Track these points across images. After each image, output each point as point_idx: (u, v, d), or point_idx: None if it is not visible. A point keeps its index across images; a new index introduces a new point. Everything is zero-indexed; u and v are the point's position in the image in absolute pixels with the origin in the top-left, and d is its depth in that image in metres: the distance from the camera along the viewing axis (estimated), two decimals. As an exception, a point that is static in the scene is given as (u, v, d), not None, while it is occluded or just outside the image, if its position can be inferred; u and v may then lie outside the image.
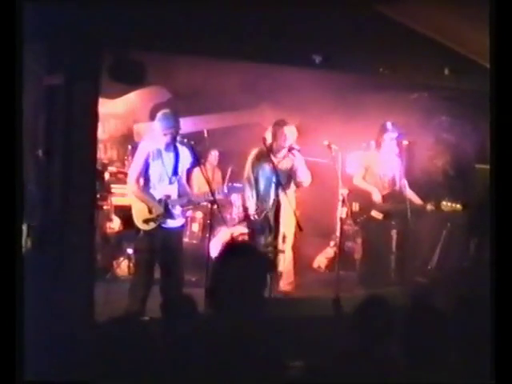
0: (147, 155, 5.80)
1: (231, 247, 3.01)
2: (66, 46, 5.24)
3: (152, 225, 5.79)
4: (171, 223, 5.88)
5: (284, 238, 6.91)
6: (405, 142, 7.39)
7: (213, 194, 5.90)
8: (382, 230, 7.41)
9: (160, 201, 5.78)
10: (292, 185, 6.84)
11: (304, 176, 6.81)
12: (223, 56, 6.24)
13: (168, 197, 5.82)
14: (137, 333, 2.64)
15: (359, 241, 7.61)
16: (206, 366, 2.63)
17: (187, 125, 8.12)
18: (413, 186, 7.42)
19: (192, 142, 6.33)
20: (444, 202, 7.07)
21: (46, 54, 5.27)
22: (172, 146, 5.86)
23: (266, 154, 6.63)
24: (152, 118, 7.98)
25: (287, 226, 6.98)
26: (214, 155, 8.57)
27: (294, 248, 7.18)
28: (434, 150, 7.96)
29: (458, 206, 7.05)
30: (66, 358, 4.24)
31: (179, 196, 5.91)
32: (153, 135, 5.96)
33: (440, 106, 8.05)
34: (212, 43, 5.90)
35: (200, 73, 7.04)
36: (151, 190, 5.83)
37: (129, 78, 6.06)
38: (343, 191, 6.70)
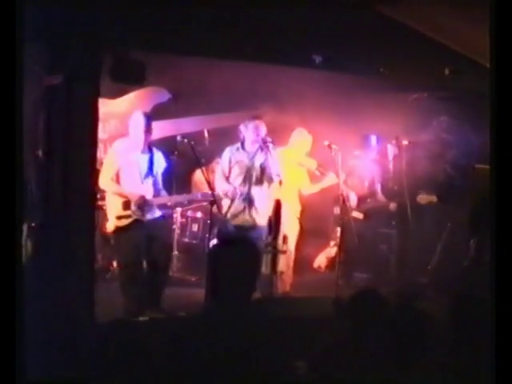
0: (120, 154, 5.94)
1: (223, 243, 3.02)
2: (66, 45, 5.24)
3: (124, 221, 5.82)
4: (148, 217, 5.97)
5: (285, 238, 6.92)
6: (405, 142, 7.47)
7: (213, 195, 5.95)
8: (378, 231, 7.58)
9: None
10: (265, 181, 6.76)
11: (274, 172, 6.65)
12: (223, 56, 6.25)
13: (142, 197, 5.90)
14: (136, 333, 2.64)
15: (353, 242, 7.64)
16: (206, 366, 2.63)
17: (187, 125, 8.13)
18: (412, 186, 7.47)
19: (192, 142, 6.35)
20: (420, 195, 7.24)
21: (46, 54, 5.27)
22: (147, 147, 6.01)
23: (240, 149, 6.66)
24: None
25: (288, 226, 7.00)
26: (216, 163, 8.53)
27: (296, 249, 7.20)
28: (434, 150, 7.97)
29: (434, 197, 7.20)
30: (67, 358, 4.24)
31: (154, 197, 6.03)
32: (131, 135, 6.07)
33: (440, 106, 8.06)
34: (212, 43, 5.91)
35: (200, 73, 7.04)
36: (126, 186, 5.94)
37: (129, 78, 6.06)
38: (343, 192, 6.74)
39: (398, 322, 3.21)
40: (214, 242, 6.27)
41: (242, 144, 6.66)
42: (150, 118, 6.14)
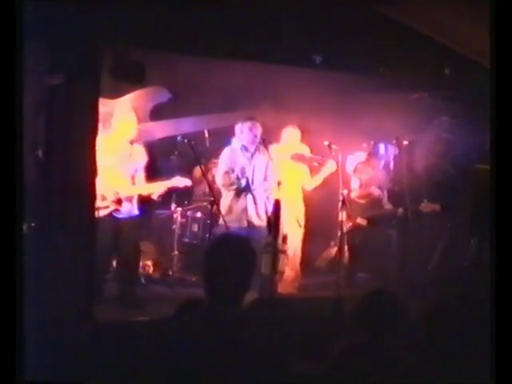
0: (105, 145, 6.02)
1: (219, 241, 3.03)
2: (66, 45, 5.24)
3: (103, 212, 5.95)
4: (126, 213, 6.05)
5: (284, 238, 6.92)
6: (405, 142, 7.49)
7: (213, 195, 5.96)
8: (378, 232, 7.60)
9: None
10: (264, 182, 6.76)
11: (273, 173, 6.66)
12: (223, 56, 6.25)
13: (116, 193, 6.01)
14: (136, 333, 2.64)
15: (354, 243, 7.67)
16: (206, 366, 2.63)
17: (187, 125, 8.12)
18: (412, 186, 7.47)
19: (192, 142, 6.35)
20: (423, 204, 7.27)
21: (46, 53, 5.27)
22: (131, 141, 6.12)
23: (243, 149, 6.66)
24: (152, 118, 8.01)
25: (288, 226, 6.99)
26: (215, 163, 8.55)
27: (297, 249, 7.20)
28: (434, 150, 7.97)
29: (438, 206, 7.22)
30: (66, 358, 4.24)
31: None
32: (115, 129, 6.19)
33: (440, 106, 8.06)
34: (212, 43, 5.91)
35: (200, 73, 7.04)
36: (105, 178, 5.98)
37: (129, 78, 6.06)
38: (343, 191, 6.75)
39: (397, 321, 3.21)
40: (210, 241, 6.29)
41: (242, 146, 6.68)
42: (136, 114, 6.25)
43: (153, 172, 6.56)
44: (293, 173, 7.10)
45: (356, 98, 7.84)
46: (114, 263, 6.84)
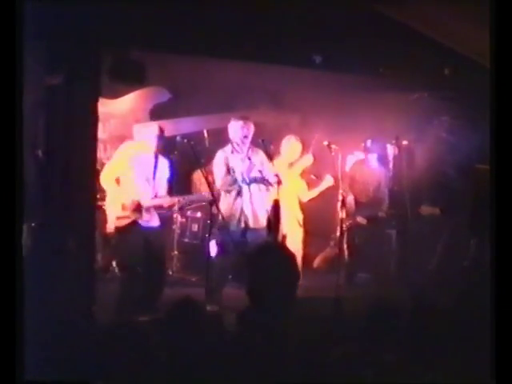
0: (129, 155, 5.90)
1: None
2: (66, 45, 5.24)
3: (123, 222, 5.85)
4: (147, 222, 5.92)
5: (284, 238, 6.92)
6: (405, 142, 7.50)
7: (213, 195, 5.95)
8: (378, 232, 7.58)
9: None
10: (263, 181, 6.71)
11: (271, 172, 6.52)
12: (223, 56, 6.25)
13: (136, 202, 5.87)
14: (137, 333, 2.64)
15: (354, 243, 7.66)
16: (206, 366, 2.63)
17: (187, 125, 8.12)
18: (412, 186, 7.47)
19: (192, 142, 6.34)
20: (423, 207, 7.27)
21: (46, 53, 5.27)
22: (155, 153, 5.95)
23: (234, 152, 6.60)
24: (152, 118, 8.01)
25: (287, 226, 6.99)
26: None
27: (302, 250, 7.20)
28: (434, 150, 7.98)
29: (437, 209, 7.23)
30: (66, 358, 4.24)
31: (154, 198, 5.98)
32: (143, 137, 6.04)
33: (440, 106, 8.06)
34: (212, 43, 5.91)
35: (200, 73, 7.04)
36: (127, 188, 5.89)
37: (129, 78, 6.07)
38: (343, 191, 6.76)
39: (397, 321, 3.20)
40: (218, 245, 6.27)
41: (233, 145, 6.61)
42: (163, 129, 6.10)
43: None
44: (290, 183, 7.04)
45: (356, 97, 7.85)
46: (114, 263, 6.86)
